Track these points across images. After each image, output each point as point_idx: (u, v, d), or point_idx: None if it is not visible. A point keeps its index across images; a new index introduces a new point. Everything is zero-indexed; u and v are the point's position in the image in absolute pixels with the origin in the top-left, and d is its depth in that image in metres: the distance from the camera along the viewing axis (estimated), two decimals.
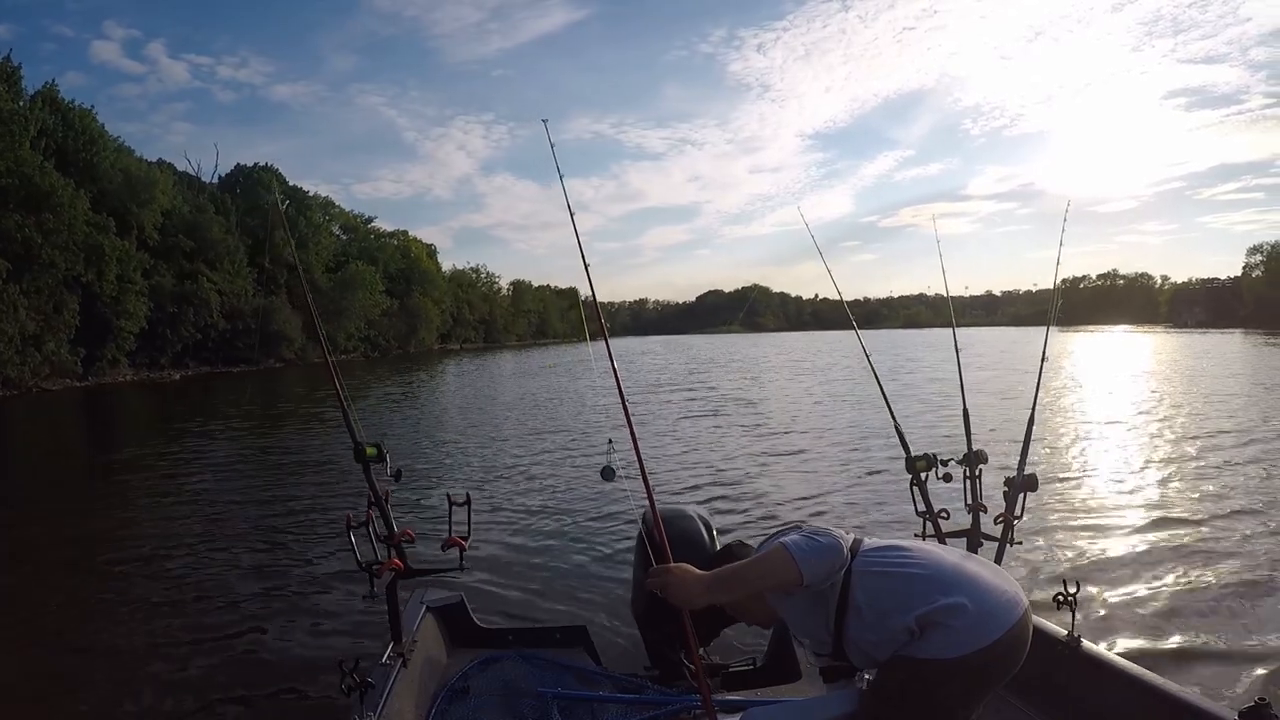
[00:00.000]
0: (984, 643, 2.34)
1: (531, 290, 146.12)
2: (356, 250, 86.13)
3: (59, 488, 14.52)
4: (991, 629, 2.36)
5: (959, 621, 2.35)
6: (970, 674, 2.38)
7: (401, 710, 3.52)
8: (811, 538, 2.50)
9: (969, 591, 2.39)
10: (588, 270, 3.58)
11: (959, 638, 2.35)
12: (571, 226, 3.62)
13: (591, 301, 3.51)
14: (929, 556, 2.54)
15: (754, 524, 9.49)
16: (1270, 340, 63.53)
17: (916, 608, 2.40)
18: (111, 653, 6.41)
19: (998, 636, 2.35)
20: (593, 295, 3.52)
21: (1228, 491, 10.76)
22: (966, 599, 2.37)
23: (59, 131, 50.30)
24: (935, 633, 2.38)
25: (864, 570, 2.52)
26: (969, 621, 2.35)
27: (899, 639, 2.45)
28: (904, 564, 2.50)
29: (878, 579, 2.49)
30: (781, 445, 16.35)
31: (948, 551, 2.63)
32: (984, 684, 2.45)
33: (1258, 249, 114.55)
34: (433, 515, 10.00)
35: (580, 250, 3.55)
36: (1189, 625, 6.32)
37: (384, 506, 3.68)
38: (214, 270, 60.43)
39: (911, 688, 2.43)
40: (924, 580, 2.44)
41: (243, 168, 77.22)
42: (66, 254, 45.00)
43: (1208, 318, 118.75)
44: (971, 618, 2.35)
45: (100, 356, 48.44)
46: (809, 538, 2.50)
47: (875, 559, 2.54)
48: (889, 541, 2.65)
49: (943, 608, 2.37)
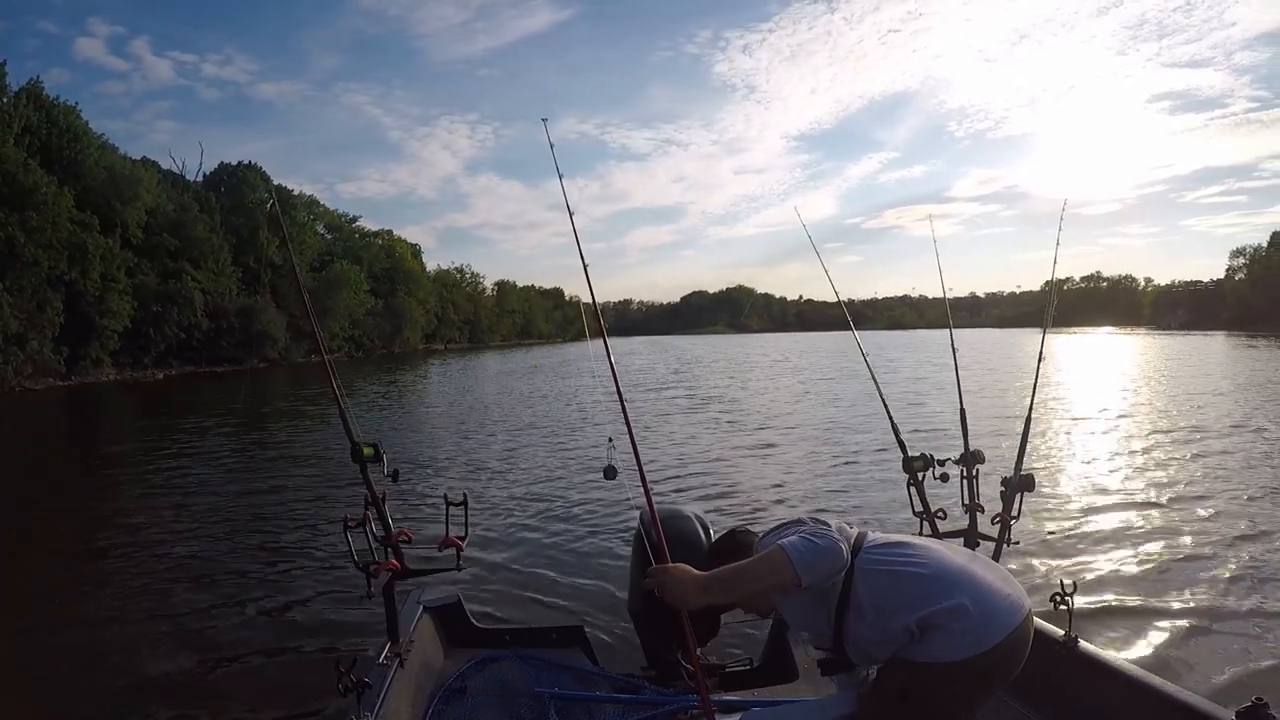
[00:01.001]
0: (985, 646, 2.33)
1: (516, 290, 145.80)
2: (341, 249, 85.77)
3: (47, 488, 14.41)
4: (993, 632, 2.34)
5: (960, 624, 2.34)
6: (971, 677, 2.37)
7: (398, 710, 3.51)
8: (810, 539, 2.46)
9: (971, 593, 2.38)
10: (586, 270, 3.59)
11: (960, 640, 2.34)
12: (571, 227, 3.62)
13: (590, 300, 3.50)
14: (933, 556, 2.51)
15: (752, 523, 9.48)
16: (1252, 342, 63.96)
17: (919, 609, 2.38)
18: (105, 653, 6.37)
19: (999, 640, 2.34)
20: (591, 294, 3.51)
21: (1223, 492, 10.83)
22: (969, 601, 2.36)
23: (43, 128, 50.00)
24: (936, 635, 2.37)
25: (867, 568, 2.50)
26: (970, 624, 2.34)
27: (899, 639, 2.44)
28: (908, 562, 2.48)
29: (881, 577, 2.48)
30: (776, 444, 16.38)
31: (953, 551, 2.61)
32: (985, 687, 2.45)
33: (1240, 252, 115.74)
34: (430, 515, 9.98)
35: (579, 250, 3.57)
36: (1186, 625, 6.36)
37: (381, 506, 3.66)
38: (198, 269, 60.11)
39: (912, 690, 2.43)
40: (927, 580, 2.42)
41: (227, 166, 76.81)
42: (50, 252, 44.71)
43: (1190, 320, 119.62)
44: (973, 620, 2.34)
45: (84, 356, 48.09)
46: (808, 539, 2.46)
47: (879, 556, 2.52)
48: (894, 538, 2.63)
49: (945, 610, 2.35)
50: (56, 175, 47.51)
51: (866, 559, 2.52)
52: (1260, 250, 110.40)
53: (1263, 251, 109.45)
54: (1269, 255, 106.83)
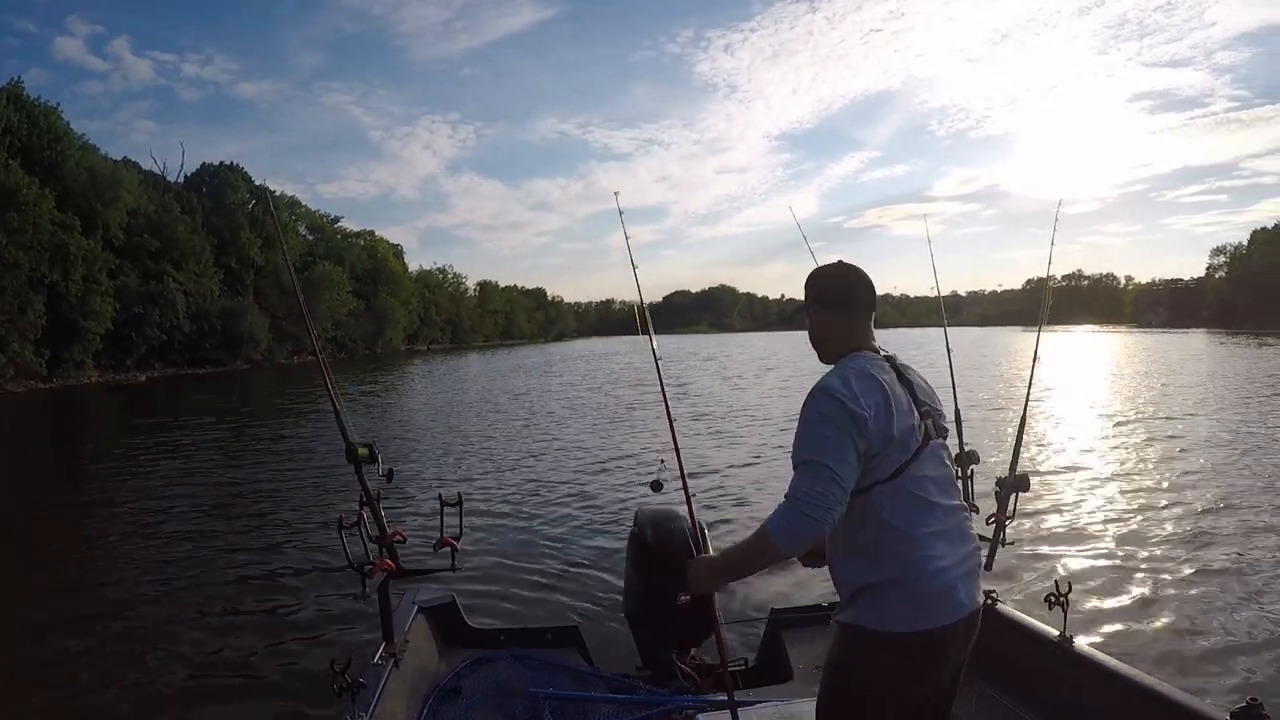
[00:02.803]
0: (914, 628, 2.28)
1: (498, 291, 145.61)
2: (323, 250, 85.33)
3: (33, 491, 14.35)
4: (928, 618, 2.29)
5: (894, 597, 2.30)
6: (902, 652, 2.30)
7: (393, 711, 3.50)
8: (787, 519, 2.28)
9: (921, 572, 2.30)
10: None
11: (893, 614, 2.29)
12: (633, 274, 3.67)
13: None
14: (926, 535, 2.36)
15: (749, 524, 9.49)
16: (1233, 340, 64.45)
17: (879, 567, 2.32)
18: (98, 655, 6.36)
19: (928, 628, 2.29)
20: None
21: (1218, 491, 10.95)
22: (915, 579, 2.30)
23: (23, 129, 49.53)
24: (870, 599, 2.33)
25: (882, 500, 2.35)
26: (905, 601, 2.29)
27: (847, 580, 2.40)
28: (910, 525, 2.34)
29: (886, 512, 2.34)
30: (771, 444, 16.32)
31: (954, 537, 2.43)
32: (921, 670, 2.35)
33: (1221, 250, 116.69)
34: (424, 515, 9.95)
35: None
36: (1181, 625, 6.41)
37: (376, 507, 3.64)
38: (180, 270, 59.66)
39: (843, 653, 2.41)
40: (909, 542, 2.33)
41: (209, 167, 76.33)
42: (31, 254, 44.38)
43: (1171, 318, 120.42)
44: (911, 600, 2.29)
45: (66, 358, 47.76)
46: (786, 518, 2.28)
47: (900, 503, 2.35)
48: (930, 498, 2.39)
49: (892, 581, 2.30)
50: (38, 176, 47.06)
51: (889, 491, 2.36)
52: (1240, 249, 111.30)
53: (1243, 250, 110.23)
54: (1249, 254, 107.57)
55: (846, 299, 2.63)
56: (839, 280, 2.68)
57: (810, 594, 5.68)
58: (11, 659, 6.34)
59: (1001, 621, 3.85)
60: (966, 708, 3.57)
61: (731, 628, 5.06)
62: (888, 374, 2.46)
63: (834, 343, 2.60)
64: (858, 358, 2.50)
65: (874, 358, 2.52)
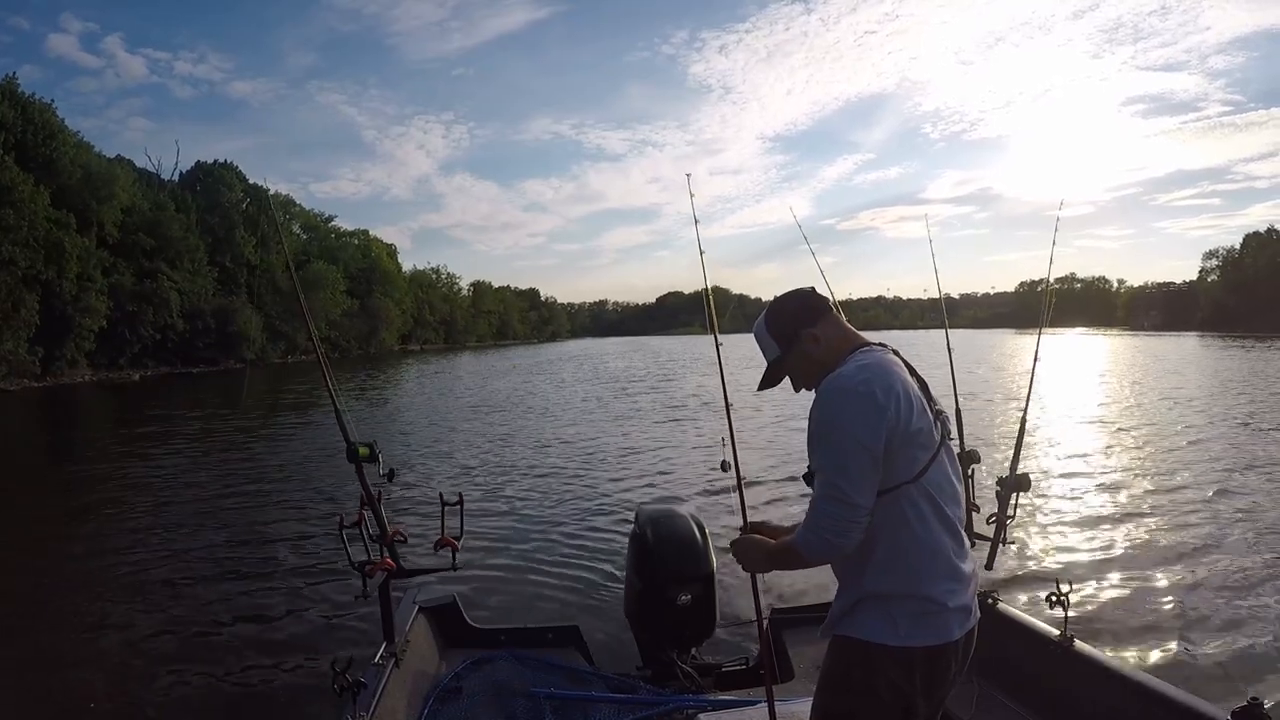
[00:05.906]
0: (922, 643, 2.24)
1: (492, 291, 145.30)
2: (317, 250, 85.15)
3: (29, 491, 14.31)
4: (935, 634, 2.25)
5: (902, 609, 2.24)
6: (906, 668, 2.25)
7: (394, 710, 3.50)
8: (812, 546, 2.27)
9: (933, 585, 2.25)
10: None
11: (896, 629, 2.24)
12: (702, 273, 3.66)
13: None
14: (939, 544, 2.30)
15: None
16: (1226, 343, 64.58)
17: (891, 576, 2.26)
18: (98, 655, 6.36)
19: (932, 644, 2.25)
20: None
21: (1218, 490, 11.00)
22: (927, 592, 2.24)
23: (18, 126, 49.37)
24: (875, 610, 2.28)
25: (902, 504, 2.26)
26: (914, 614, 2.24)
27: (853, 585, 2.34)
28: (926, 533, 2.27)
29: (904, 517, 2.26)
30: (769, 444, 16.28)
31: (961, 551, 2.37)
32: (924, 685, 2.30)
33: (1213, 254, 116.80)
34: (424, 515, 9.94)
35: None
36: (1182, 625, 6.42)
37: (377, 506, 3.64)
38: (174, 269, 59.44)
39: (844, 667, 2.35)
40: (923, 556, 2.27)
41: (203, 165, 76.11)
42: (26, 251, 44.29)
43: (1164, 321, 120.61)
44: (921, 613, 2.24)
45: (59, 356, 47.59)
46: (811, 545, 2.27)
47: (918, 508, 2.27)
48: (944, 505, 2.31)
49: (904, 593, 2.25)
50: (32, 173, 46.91)
51: (914, 494, 2.27)
52: (1233, 252, 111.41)
53: (1235, 254, 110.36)
54: (1241, 257, 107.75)
55: (818, 305, 2.50)
56: (796, 298, 2.55)
57: (810, 594, 5.68)
58: (8, 659, 6.32)
59: (1002, 621, 3.86)
60: (966, 708, 3.58)
61: (731, 628, 5.06)
62: (899, 367, 2.36)
63: (833, 352, 2.41)
64: (866, 352, 2.38)
65: (882, 350, 2.41)
